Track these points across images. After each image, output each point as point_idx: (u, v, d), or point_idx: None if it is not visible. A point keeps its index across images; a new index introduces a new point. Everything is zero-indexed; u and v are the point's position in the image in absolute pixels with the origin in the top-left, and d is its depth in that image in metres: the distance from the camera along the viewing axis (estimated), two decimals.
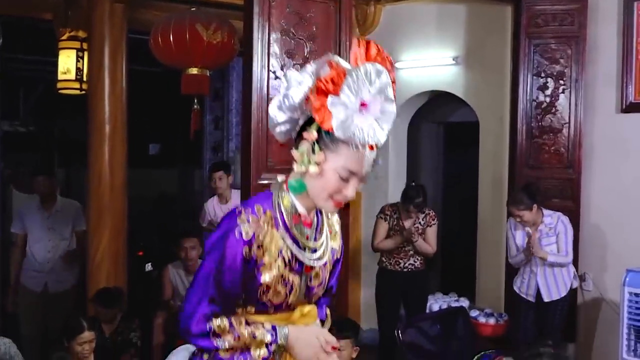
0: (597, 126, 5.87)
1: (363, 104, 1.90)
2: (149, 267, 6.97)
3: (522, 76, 5.88)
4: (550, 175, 5.85)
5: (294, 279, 2.12)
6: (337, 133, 1.91)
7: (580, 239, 5.80)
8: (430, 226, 5.82)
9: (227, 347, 2.02)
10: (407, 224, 5.76)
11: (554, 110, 5.88)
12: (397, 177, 6.89)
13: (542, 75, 5.85)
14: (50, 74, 6.81)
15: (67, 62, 6.02)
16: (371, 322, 6.33)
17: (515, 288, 5.56)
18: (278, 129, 2.10)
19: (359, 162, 1.98)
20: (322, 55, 2.18)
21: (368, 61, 1.93)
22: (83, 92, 6.00)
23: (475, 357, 5.41)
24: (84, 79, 5.96)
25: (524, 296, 5.47)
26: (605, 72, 5.73)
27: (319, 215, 2.21)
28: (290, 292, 2.13)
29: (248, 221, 2.01)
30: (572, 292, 5.73)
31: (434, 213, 5.92)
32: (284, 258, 2.08)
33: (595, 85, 5.80)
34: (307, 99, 1.97)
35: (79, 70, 6.00)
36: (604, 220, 5.88)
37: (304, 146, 1.98)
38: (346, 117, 1.89)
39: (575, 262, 5.63)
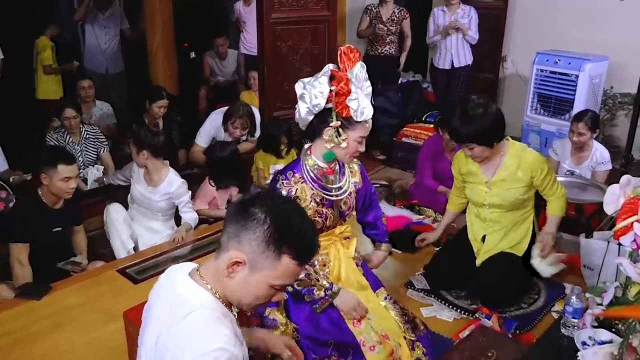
0: None
1: (358, 90, 2.19)
2: (192, 55, 7.09)
3: None
4: None
5: (327, 210, 2.36)
6: (356, 117, 2.19)
7: (505, 31, 6.02)
8: (405, 19, 5.91)
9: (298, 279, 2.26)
10: (384, 15, 5.84)
11: None
12: None
13: None
14: None
15: None
16: None
17: (435, 63, 5.85)
18: (303, 124, 2.32)
19: (366, 129, 2.27)
20: None
21: (350, 62, 2.18)
22: None
23: (424, 116, 5.88)
24: None
25: (440, 67, 5.78)
26: None
27: (340, 164, 2.43)
28: (326, 220, 2.36)
29: (284, 185, 2.29)
30: (495, 69, 6.03)
31: (405, 10, 5.95)
32: (315, 200, 2.31)
33: None
34: (327, 100, 2.18)
35: None
36: (524, 16, 6.02)
37: (330, 131, 2.22)
38: (358, 105, 2.17)
39: (499, 47, 5.87)
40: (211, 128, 4.83)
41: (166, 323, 1.43)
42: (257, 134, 4.85)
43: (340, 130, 2.22)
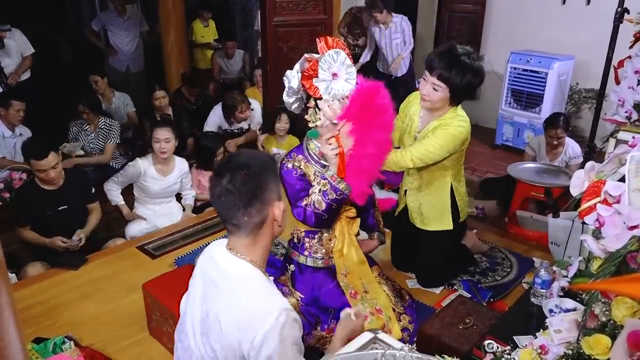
0: None
1: (334, 74, 2.09)
2: None
3: None
4: None
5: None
6: (325, 96, 2.09)
7: (482, 32, 5.97)
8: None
9: (314, 200, 2.20)
10: (364, 22, 5.78)
11: None
12: None
13: None
14: None
15: None
16: None
17: (379, 68, 5.73)
18: (293, 107, 2.27)
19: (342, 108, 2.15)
20: None
21: (329, 49, 2.09)
22: None
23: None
24: None
25: (385, 72, 5.66)
26: None
27: None
28: None
29: (289, 161, 2.28)
30: None
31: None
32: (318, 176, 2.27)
33: None
34: (302, 85, 2.14)
35: None
36: (500, 18, 5.96)
37: (310, 111, 2.16)
38: (326, 86, 2.08)
39: (477, 47, 5.82)
40: (216, 118, 4.84)
41: (216, 298, 1.41)
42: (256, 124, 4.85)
43: (317, 109, 2.16)
